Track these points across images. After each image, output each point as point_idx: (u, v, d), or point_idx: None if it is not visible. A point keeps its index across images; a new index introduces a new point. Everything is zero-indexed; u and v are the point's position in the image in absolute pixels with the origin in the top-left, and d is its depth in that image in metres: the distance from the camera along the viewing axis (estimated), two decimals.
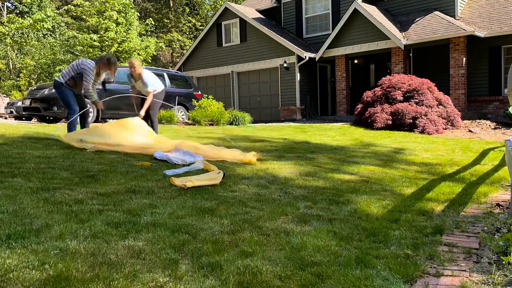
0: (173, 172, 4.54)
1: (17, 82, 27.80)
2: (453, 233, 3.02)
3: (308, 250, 2.54)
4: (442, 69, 14.00)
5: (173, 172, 4.55)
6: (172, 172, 4.53)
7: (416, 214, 3.44)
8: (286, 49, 16.30)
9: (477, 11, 14.23)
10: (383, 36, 14.03)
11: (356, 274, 2.21)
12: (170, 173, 4.49)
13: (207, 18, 37.94)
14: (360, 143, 8.57)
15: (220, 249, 2.47)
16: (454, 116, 11.57)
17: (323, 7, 17.02)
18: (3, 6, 31.58)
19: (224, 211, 3.26)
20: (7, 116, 16.76)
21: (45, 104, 10.83)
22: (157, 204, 3.32)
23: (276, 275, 2.17)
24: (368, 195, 4.09)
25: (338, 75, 15.76)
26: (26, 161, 4.59)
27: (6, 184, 3.54)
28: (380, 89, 12.22)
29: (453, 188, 4.45)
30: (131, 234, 2.59)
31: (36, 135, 7.14)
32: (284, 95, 16.97)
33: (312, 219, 3.19)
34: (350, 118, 14.10)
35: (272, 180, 4.59)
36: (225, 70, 18.88)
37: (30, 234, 2.43)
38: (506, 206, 3.77)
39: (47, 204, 3.07)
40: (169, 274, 2.10)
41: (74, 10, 24.96)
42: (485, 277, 2.25)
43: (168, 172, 4.52)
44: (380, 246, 2.68)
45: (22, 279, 1.91)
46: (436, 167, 5.88)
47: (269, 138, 9.08)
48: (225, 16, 18.57)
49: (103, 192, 3.55)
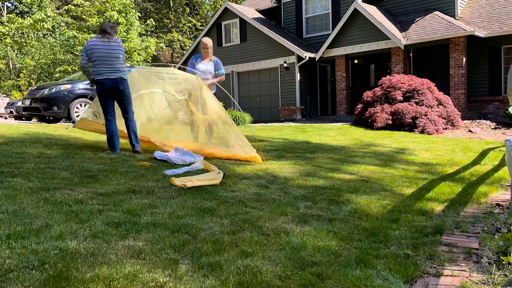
0: (173, 172, 4.54)
1: (17, 82, 27.80)
2: (453, 233, 3.02)
3: (308, 250, 2.54)
4: (442, 69, 14.00)
5: (173, 172, 4.55)
6: (172, 172, 4.53)
7: (416, 214, 3.44)
8: (286, 49, 16.30)
9: (477, 11, 14.23)
10: (383, 36, 14.03)
11: (356, 274, 2.21)
12: (170, 173, 4.49)
13: (207, 18, 37.95)
14: (360, 143, 8.56)
15: (220, 249, 2.47)
16: (454, 116, 11.57)
17: (323, 7, 17.01)
18: (3, 6, 31.57)
19: (224, 211, 3.26)
20: (7, 116, 16.77)
21: (45, 104, 10.84)
22: (157, 204, 3.32)
23: (276, 275, 2.17)
24: (368, 195, 4.09)
25: (338, 75, 15.76)
26: (26, 161, 4.59)
27: (6, 184, 3.54)
28: (380, 89, 12.22)
29: (453, 188, 4.45)
30: (131, 234, 2.59)
31: (36, 135, 7.14)
32: (284, 95, 16.97)
33: (312, 219, 3.19)
34: (350, 118, 14.10)
35: (272, 180, 4.59)
36: (225, 70, 18.87)
37: (30, 234, 2.43)
38: (506, 206, 3.77)
39: (47, 204, 3.07)
40: (169, 274, 2.10)
41: (74, 10, 24.95)
42: (485, 277, 2.25)
43: (168, 172, 4.53)
44: (380, 246, 2.68)
45: (22, 279, 1.91)
46: (436, 167, 5.87)
47: (269, 138, 9.08)
48: (225, 16, 18.57)
49: (103, 192, 3.55)
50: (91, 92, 11.10)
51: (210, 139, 6.06)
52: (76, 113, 10.92)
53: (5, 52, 27.39)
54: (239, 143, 5.85)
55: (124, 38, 24.00)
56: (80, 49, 24.91)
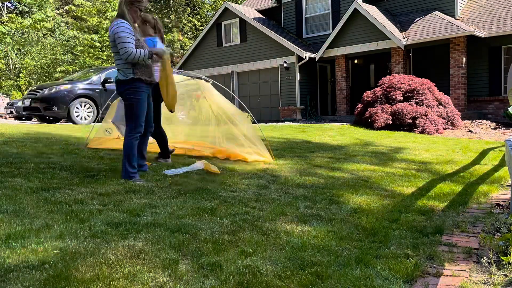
0: (173, 172, 4.54)
1: (17, 82, 27.80)
2: (453, 233, 3.01)
3: (308, 250, 2.54)
4: (442, 69, 14.00)
5: (173, 172, 4.55)
6: (172, 172, 4.53)
7: (416, 214, 3.44)
8: (286, 49, 16.30)
9: (477, 11, 14.23)
10: (383, 36, 14.03)
11: (356, 274, 2.21)
12: (170, 173, 4.49)
13: (207, 18, 37.95)
14: (360, 143, 8.56)
15: (220, 249, 2.47)
16: (454, 116, 11.57)
17: (323, 7, 17.01)
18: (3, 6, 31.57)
19: (224, 211, 3.26)
20: (7, 116, 16.78)
21: (45, 104, 10.84)
22: (157, 204, 3.32)
23: (276, 275, 2.17)
24: (368, 195, 4.09)
25: (338, 75, 15.76)
26: (26, 161, 4.58)
27: (6, 184, 3.54)
28: (380, 89, 12.22)
29: (453, 188, 4.44)
30: (131, 234, 2.59)
31: (36, 135, 7.14)
32: (284, 95, 16.97)
33: (312, 219, 3.19)
34: (350, 118, 14.10)
35: (272, 180, 4.59)
36: (225, 70, 18.88)
37: (30, 234, 2.43)
38: (506, 206, 3.77)
39: (47, 204, 3.07)
40: (169, 274, 2.10)
41: (74, 10, 24.95)
42: (485, 277, 2.25)
43: (168, 172, 4.52)
44: (380, 246, 2.68)
45: (22, 279, 1.90)
46: (436, 167, 5.87)
47: (269, 138, 9.07)
48: (225, 16, 18.57)
49: (103, 192, 3.55)
50: (91, 92, 11.10)
51: (222, 139, 6.03)
52: (76, 113, 10.92)
53: (5, 52, 27.40)
54: (253, 142, 5.86)
55: None
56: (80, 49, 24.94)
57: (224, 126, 6.00)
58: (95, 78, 11.35)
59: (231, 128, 5.99)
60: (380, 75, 14.74)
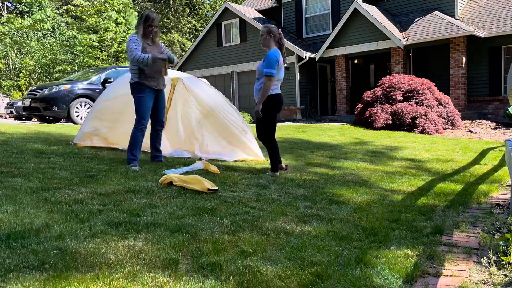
0: (173, 172, 4.53)
1: (17, 82, 27.79)
2: (453, 233, 3.01)
3: (308, 250, 2.54)
4: (442, 69, 14.00)
5: (172, 172, 4.55)
6: (172, 172, 4.53)
7: (416, 214, 3.44)
8: (286, 49, 16.26)
9: (477, 11, 14.23)
10: (383, 36, 14.03)
11: (356, 274, 2.21)
12: (170, 173, 4.48)
13: (207, 18, 37.93)
14: (360, 143, 8.57)
15: (220, 249, 2.47)
16: (454, 116, 11.57)
17: (323, 7, 17.01)
18: (3, 6, 31.57)
19: (224, 211, 3.26)
20: (7, 116, 16.78)
21: (45, 104, 10.84)
22: (157, 204, 3.32)
23: (276, 275, 2.17)
24: (368, 195, 4.09)
25: (338, 75, 15.75)
26: (26, 161, 4.58)
27: (6, 184, 3.54)
28: (380, 89, 12.22)
29: (453, 188, 4.45)
30: (131, 234, 2.59)
31: (36, 135, 7.14)
32: (284, 95, 16.90)
33: (312, 219, 3.19)
34: (350, 118, 14.10)
35: (272, 180, 4.59)
36: (225, 70, 18.88)
37: (30, 234, 2.43)
38: (506, 206, 3.77)
39: (47, 204, 3.07)
40: (169, 274, 2.10)
41: (74, 10, 24.96)
42: (485, 277, 2.25)
43: (168, 172, 4.52)
44: (380, 246, 2.68)
45: (22, 279, 1.91)
46: (436, 167, 5.88)
47: None
48: (225, 16, 18.57)
49: (103, 192, 3.55)
50: (91, 92, 11.10)
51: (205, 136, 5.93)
52: (76, 113, 10.92)
53: (5, 52, 27.40)
54: (242, 139, 5.82)
55: (123, 38, 23.99)
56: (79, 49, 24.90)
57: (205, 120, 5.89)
58: (95, 78, 11.36)
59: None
60: (380, 75, 14.73)
